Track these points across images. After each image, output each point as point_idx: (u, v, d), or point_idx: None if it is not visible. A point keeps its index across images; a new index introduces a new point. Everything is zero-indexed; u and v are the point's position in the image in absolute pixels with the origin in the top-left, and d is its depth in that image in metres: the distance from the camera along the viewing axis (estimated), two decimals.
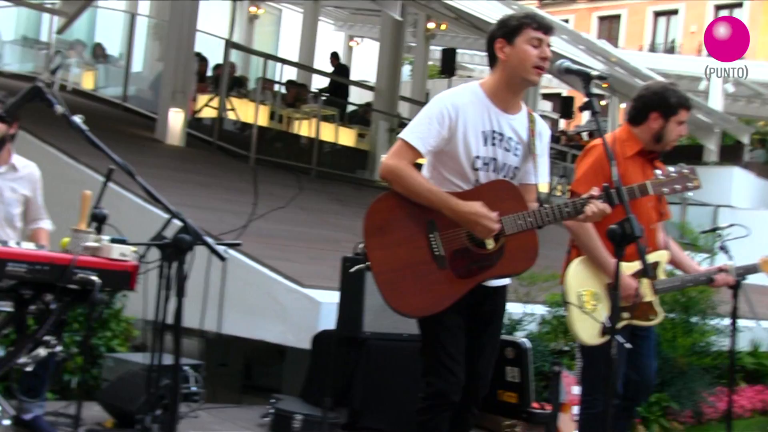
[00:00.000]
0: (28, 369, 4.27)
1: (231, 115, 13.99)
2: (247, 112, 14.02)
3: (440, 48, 20.67)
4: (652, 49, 34.10)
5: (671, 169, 3.72)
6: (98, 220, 3.84)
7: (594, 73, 3.35)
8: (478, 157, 3.52)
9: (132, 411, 5.16)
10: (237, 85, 14.95)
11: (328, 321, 6.26)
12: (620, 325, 3.99)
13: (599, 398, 3.94)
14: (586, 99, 3.31)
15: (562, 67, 3.48)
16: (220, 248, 3.40)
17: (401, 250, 3.45)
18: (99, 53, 16.58)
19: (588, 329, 4.04)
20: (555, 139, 21.86)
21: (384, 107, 15.43)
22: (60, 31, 15.53)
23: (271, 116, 14.64)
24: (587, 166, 4.13)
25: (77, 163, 8.80)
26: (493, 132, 3.53)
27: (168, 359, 5.01)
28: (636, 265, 4.05)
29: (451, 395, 3.51)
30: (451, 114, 3.47)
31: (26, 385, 4.73)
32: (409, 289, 3.44)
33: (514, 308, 7.12)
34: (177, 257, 3.11)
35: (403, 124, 15.17)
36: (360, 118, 16.78)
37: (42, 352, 3.14)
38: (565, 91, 24.92)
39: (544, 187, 4.02)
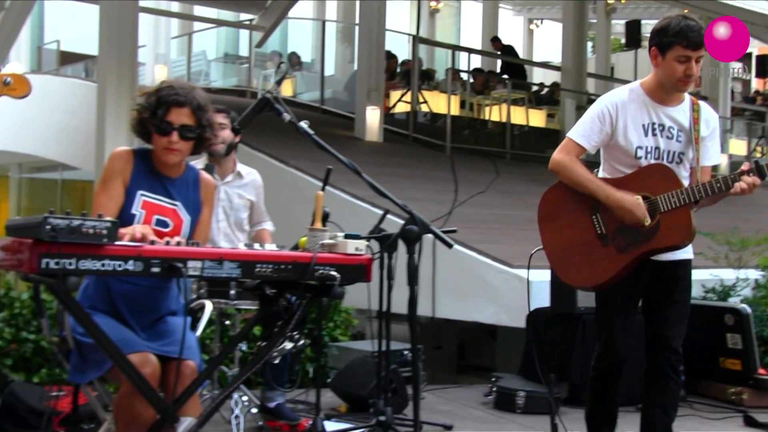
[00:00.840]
0: (276, 362, 4.47)
1: (423, 108, 14.12)
2: (438, 103, 14.11)
3: (622, 21, 20.03)
4: None
5: None
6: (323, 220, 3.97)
7: None
8: (640, 147, 3.74)
9: (363, 396, 5.30)
10: (426, 78, 15.04)
11: (539, 299, 6.21)
12: None
13: None
14: None
15: None
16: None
17: (569, 231, 3.80)
18: (294, 61, 17.09)
19: None
20: (750, 99, 20.75)
21: (571, 86, 15.12)
22: (259, 44, 16.14)
23: (462, 105, 14.66)
24: None
25: (287, 166, 9.13)
26: (653, 124, 3.75)
27: (390, 345, 5.11)
28: None
29: (605, 362, 3.86)
30: (611, 112, 3.74)
31: (268, 376, 4.94)
32: (576, 264, 3.80)
33: (725, 274, 6.85)
34: (407, 248, 3.15)
35: (591, 101, 14.80)
36: (548, 98, 16.52)
37: (288, 345, 3.28)
38: (756, 50, 23.53)
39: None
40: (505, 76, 16.00)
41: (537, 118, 15.94)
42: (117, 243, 2.60)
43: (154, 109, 3.24)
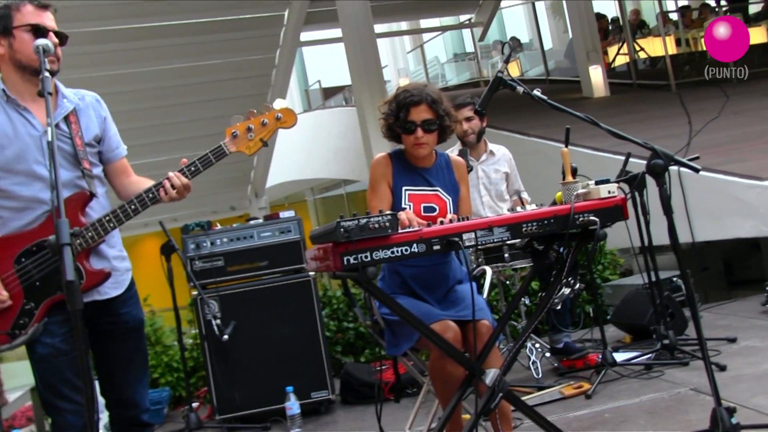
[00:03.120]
0: (558, 308, 4.39)
1: (641, 55, 13.40)
2: (654, 47, 13.34)
3: None
4: None
5: None
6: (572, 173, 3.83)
7: None
8: None
9: (644, 324, 5.09)
10: (638, 28, 14.26)
11: None
12: None
13: None
14: None
15: None
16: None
17: None
18: (515, 44, 16.79)
19: None
20: None
21: None
22: (481, 38, 16.05)
23: (677, 43, 13.72)
24: None
25: (527, 137, 8.98)
26: None
27: (659, 274, 4.84)
28: None
29: None
30: None
31: (552, 321, 4.87)
32: None
33: None
34: (656, 181, 2.96)
35: None
36: (764, 14, 15.06)
37: (566, 291, 3.19)
38: None
39: None
40: (715, 5, 14.82)
41: (757, 35, 14.58)
42: (399, 231, 2.64)
43: (396, 113, 3.28)
